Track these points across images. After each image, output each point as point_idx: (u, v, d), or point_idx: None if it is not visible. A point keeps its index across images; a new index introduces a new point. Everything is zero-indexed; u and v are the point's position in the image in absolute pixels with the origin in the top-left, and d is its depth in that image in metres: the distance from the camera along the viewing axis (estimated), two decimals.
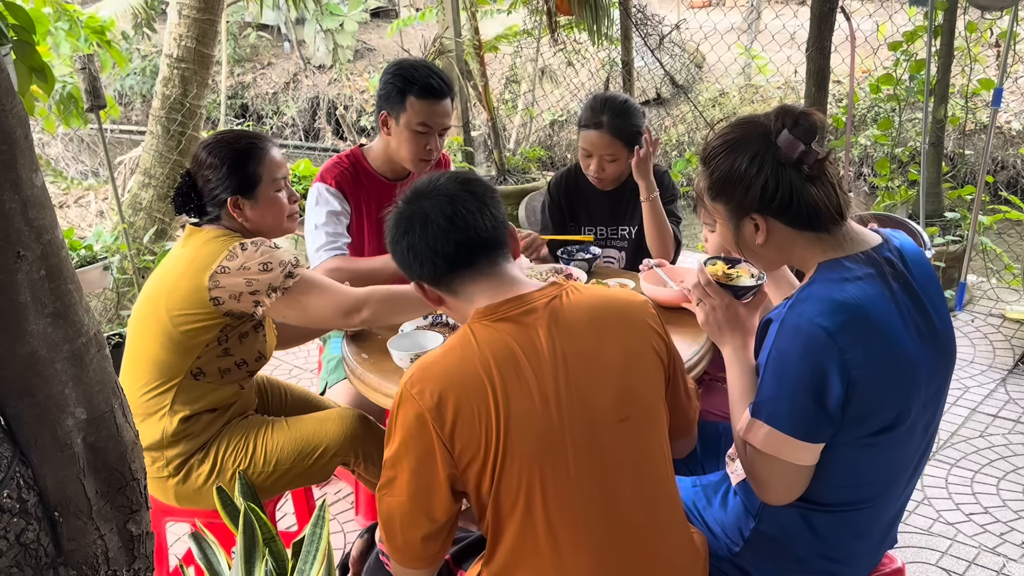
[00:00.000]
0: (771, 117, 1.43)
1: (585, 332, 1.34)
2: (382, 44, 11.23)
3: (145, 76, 11.10)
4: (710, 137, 1.51)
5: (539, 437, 1.28)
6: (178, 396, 1.93)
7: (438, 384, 1.29)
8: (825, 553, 1.50)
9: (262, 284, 1.84)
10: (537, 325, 1.32)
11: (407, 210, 1.41)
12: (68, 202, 5.99)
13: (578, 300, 1.37)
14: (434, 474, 1.30)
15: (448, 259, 1.37)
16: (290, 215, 2.05)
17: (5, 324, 1.12)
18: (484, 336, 1.32)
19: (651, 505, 1.35)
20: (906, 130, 5.46)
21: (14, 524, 1.16)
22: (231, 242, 1.90)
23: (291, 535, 2.02)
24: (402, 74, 2.36)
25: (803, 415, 1.36)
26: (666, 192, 2.61)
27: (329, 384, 2.44)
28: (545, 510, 1.29)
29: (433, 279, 1.41)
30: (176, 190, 2.00)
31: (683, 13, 8.34)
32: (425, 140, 2.39)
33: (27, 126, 1.11)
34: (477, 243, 1.37)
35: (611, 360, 1.33)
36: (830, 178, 1.42)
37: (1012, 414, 3.05)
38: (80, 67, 3.61)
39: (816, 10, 3.43)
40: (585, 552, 1.30)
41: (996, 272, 4.35)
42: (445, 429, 1.27)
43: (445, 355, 1.33)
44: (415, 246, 1.38)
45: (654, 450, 1.36)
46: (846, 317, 1.33)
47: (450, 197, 1.38)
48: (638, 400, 1.34)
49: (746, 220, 1.45)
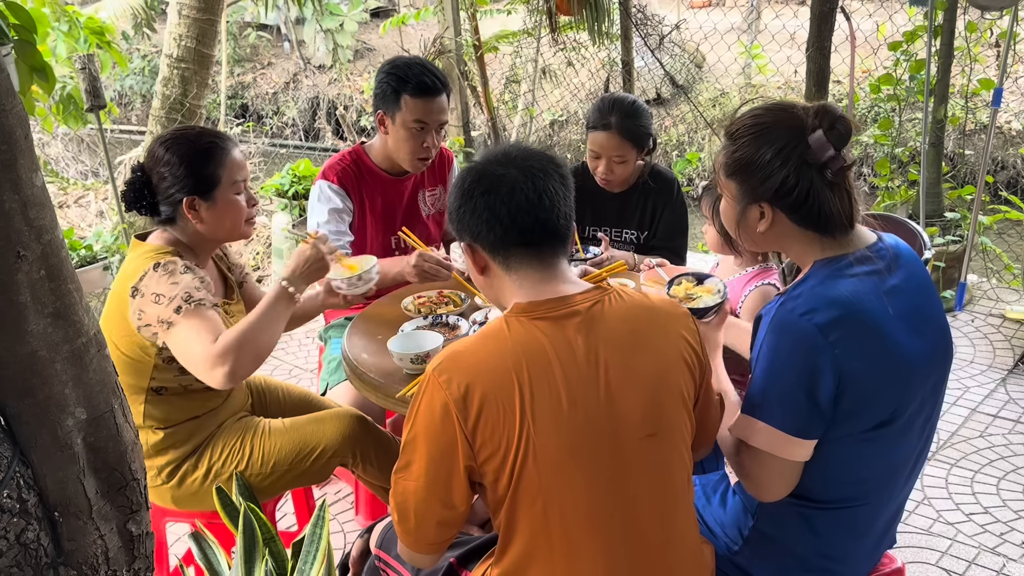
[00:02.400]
0: (810, 112, 1.40)
1: (622, 342, 1.31)
2: (382, 44, 11.22)
3: (145, 76, 11.09)
4: (742, 112, 1.47)
5: (563, 442, 1.26)
6: (148, 412, 1.90)
7: (466, 375, 1.26)
8: (824, 552, 1.50)
9: (151, 315, 1.78)
10: (576, 329, 1.30)
11: (494, 170, 1.35)
12: (68, 202, 5.98)
13: (620, 308, 1.34)
14: (453, 464, 1.28)
15: (523, 232, 1.33)
16: (248, 219, 1.97)
17: (5, 324, 1.12)
18: (519, 332, 1.30)
19: (667, 518, 1.34)
20: (906, 130, 5.45)
21: (14, 524, 1.16)
22: (152, 259, 1.82)
23: (291, 535, 2.01)
24: (396, 73, 2.37)
25: (795, 411, 1.36)
26: (676, 221, 2.65)
27: (330, 385, 2.43)
28: (561, 515, 1.28)
29: (494, 247, 1.36)
30: (127, 184, 1.90)
31: (683, 13, 8.33)
32: (422, 137, 2.40)
33: (27, 126, 1.11)
34: (553, 228, 1.34)
35: (645, 374, 1.31)
36: (849, 187, 1.41)
37: (1012, 414, 3.05)
38: (80, 67, 3.61)
39: (816, 10, 3.43)
40: (597, 559, 1.30)
41: (996, 272, 4.34)
42: (468, 422, 1.25)
43: (477, 345, 1.31)
44: (494, 208, 1.33)
45: (675, 465, 1.34)
46: (838, 313, 1.34)
47: (544, 173, 1.34)
48: (666, 416, 1.32)
49: (754, 206, 1.44)
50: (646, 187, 2.65)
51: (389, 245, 2.61)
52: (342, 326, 2.59)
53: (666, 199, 2.66)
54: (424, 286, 2.44)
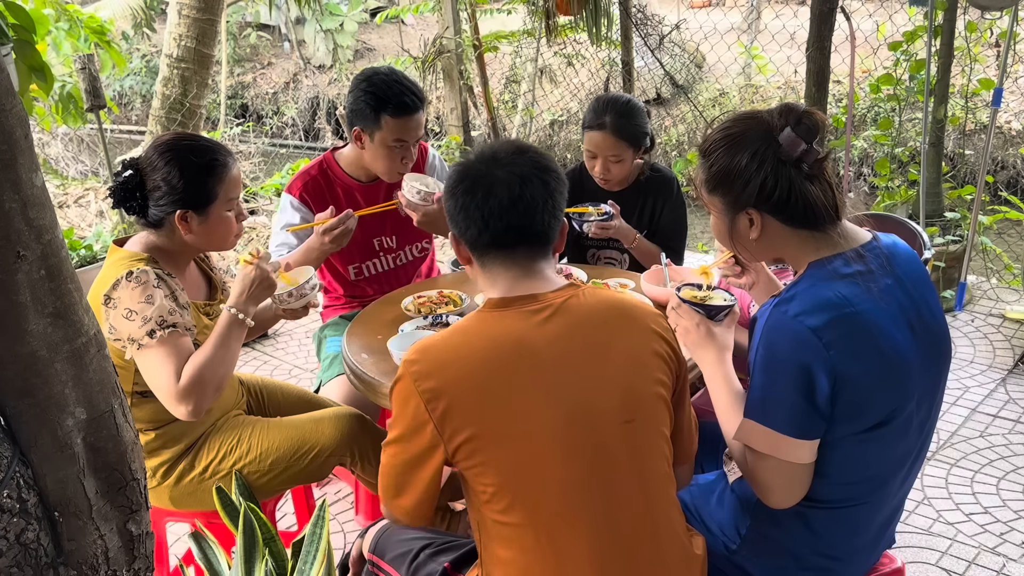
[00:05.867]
0: (774, 114, 1.44)
1: (592, 332, 1.34)
2: (382, 44, 11.23)
3: (145, 76, 11.09)
4: (711, 130, 1.51)
5: (536, 433, 1.28)
6: (135, 415, 1.86)
7: (434, 367, 1.30)
8: (822, 551, 1.50)
9: (122, 331, 1.77)
10: (545, 322, 1.33)
11: (478, 169, 1.39)
12: (68, 202, 5.98)
13: (591, 301, 1.37)
14: (427, 451, 1.32)
15: (494, 236, 1.37)
16: (236, 234, 1.97)
17: (5, 324, 1.12)
18: (490, 326, 1.33)
19: (652, 507, 1.35)
20: (906, 130, 5.45)
21: (14, 524, 1.16)
22: (126, 267, 1.81)
23: (291, 535, 2.01)
24: (374, 92, 2.31)
25: (794, 412, 1.36)
26: (675, 220, 2.65)
27: (323, 381, 2.43)
28: (541, 506, 1.29)
29: (471, 245, 1.40)
30: (119, 184, 1.88)
31: (683, 13, 8.33)
32: (401, 154, 2.39)
33: (27, 126, 1.12)
34: (527, 233, 1.37)
35: (617, 362, 1.33)
36: (828, 178, 1.43)
37: (1012, 414, 3.05)
38: (80, 67, 3.61)
39: (816, 10, 3.43)
40: (583, 549, 1.30)
41: (996, 272, 4.34)
42: (436, 412, 1.29)
43: (446, 339, 1.34)
44: (469, 209, 1.37)
45: (656, 453, 1.36)
46: (833, 315, 1.34)
47: (523, 179, 1.36)
48: (643, 402, 1.34)
49: (741, 214, 1.46)
50: (645, 186, 2.65)
51: (373, 248, 2.60)
52: (338, 325, 2.59)
53: (665, 198, 2.66)
54: (424, 286, 2.44)
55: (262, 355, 3.89)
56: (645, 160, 2.65)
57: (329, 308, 2.73)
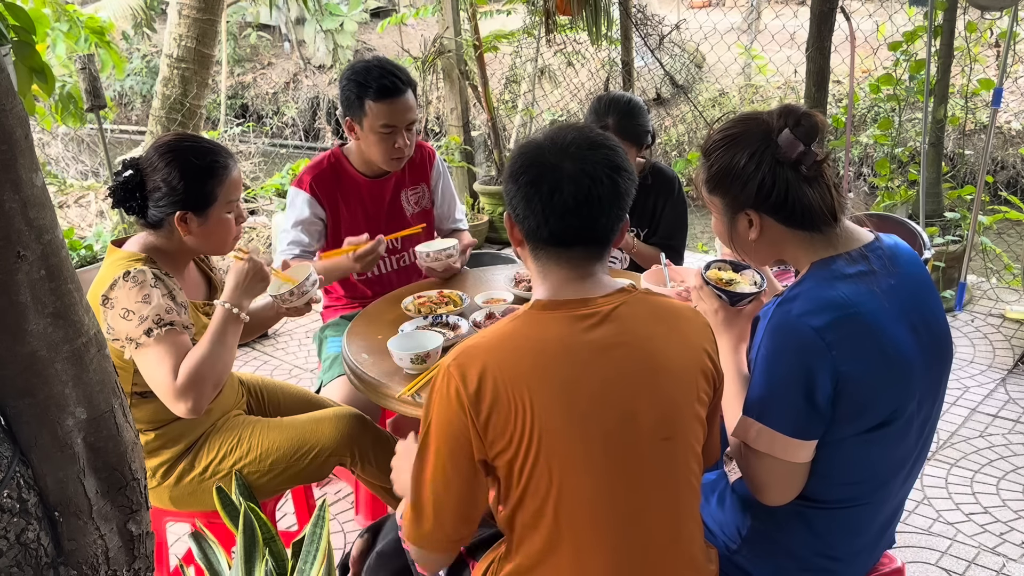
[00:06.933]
0: (773, 115, 1.44)
1: (640, 344, 1.30)
2: (382, 44, 11.23)
3: (145, 76, 11.10)
4: (713, 130, 1.52)
5: (575, 441, 1.26)
6: (135, 416, 1.88)
7: (479, 370, 1.25)
8: (822, 551, 1.50)
9: (120, 331, 1.77)
10: (592, 328, 1.29)
11: (547, 160, 1.30)
12: (68, 202, 5.98)
13: (642, 311, 1.33)
14: (468, 457, 1.27)
15: (552, 233, 1.30)
16: (235, 237, 1.96)
17: (5, 324, 1.12)
18: (536, 329, 1.29)
19: (676, 521, 1.34)
20: (906, 130, 5.46)
21: (14, 524, 1.16)
22: (123, 267, 1.81)
23: (291, 535, 2.02)
24: (356, 79, 2.35)
25: (794, 412, 1.36)
26: (676, 219, 2.65)
27: (324, 382, 2.44)
28: (571, 513, 1.27)
29: (527, 234, 1.34)
30: (119, 184, 1.88)
31: (683, 13, 8.33)
32: (392, 139, 2.39)
33: (27, 126, 1.12)
34: (586, 236, 1.31)
35: (663, 376, 1.30)
36: (827, 180, 1.43)
37: (1012, 414, 3.05)
38: (80, 67, 3.62)
39: (816, 10, 3.43)
40: (604, 559, 1.29)
41: (996, 272, 4.35)
42: (480, 416, 1.24)
43: (492, 340, 1.29)
44: (532, 201, 1.29)
45: (688, 472, 1.34)
46: (835, 315, 1.34)
47: (592, 178, 1.28)
48: (682, 421, 1.31)
49: (741, 215, 1.47)
50: (646, 184, 2.65)
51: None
52: (338, 325, 2.59)
53: (667, 196, 2.67)
54: (423, 286, 2.44)
55: (262, 355, 3.89)
56: (647, 159, 2.66)
57: (330, 308, 2.73)
